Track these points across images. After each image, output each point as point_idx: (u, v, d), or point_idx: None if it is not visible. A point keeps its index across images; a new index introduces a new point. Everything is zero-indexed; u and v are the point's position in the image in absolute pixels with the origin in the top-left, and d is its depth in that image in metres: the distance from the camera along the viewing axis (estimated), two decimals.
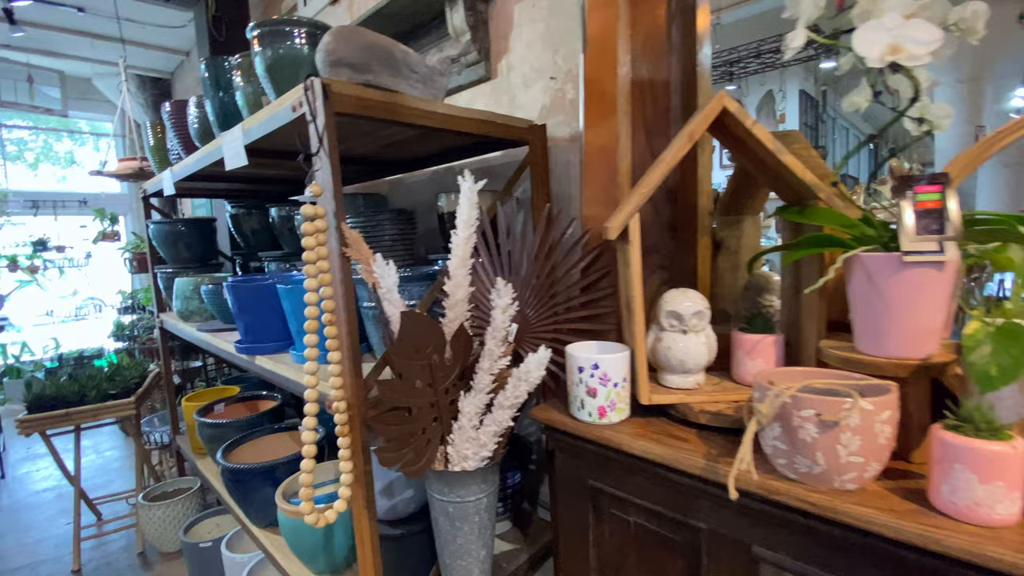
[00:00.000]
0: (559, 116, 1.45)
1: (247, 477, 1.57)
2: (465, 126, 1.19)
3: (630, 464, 0.76)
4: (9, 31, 3.57)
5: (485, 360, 0.84)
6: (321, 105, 0.90)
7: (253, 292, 1.37)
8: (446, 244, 1.60)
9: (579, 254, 0.88)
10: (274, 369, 1.31)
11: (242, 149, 1.26)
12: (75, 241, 5.06)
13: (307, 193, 0.90)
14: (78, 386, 2.12)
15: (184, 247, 2.29)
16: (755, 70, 1.18)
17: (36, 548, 2.37)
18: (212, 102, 1.47)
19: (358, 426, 0.96)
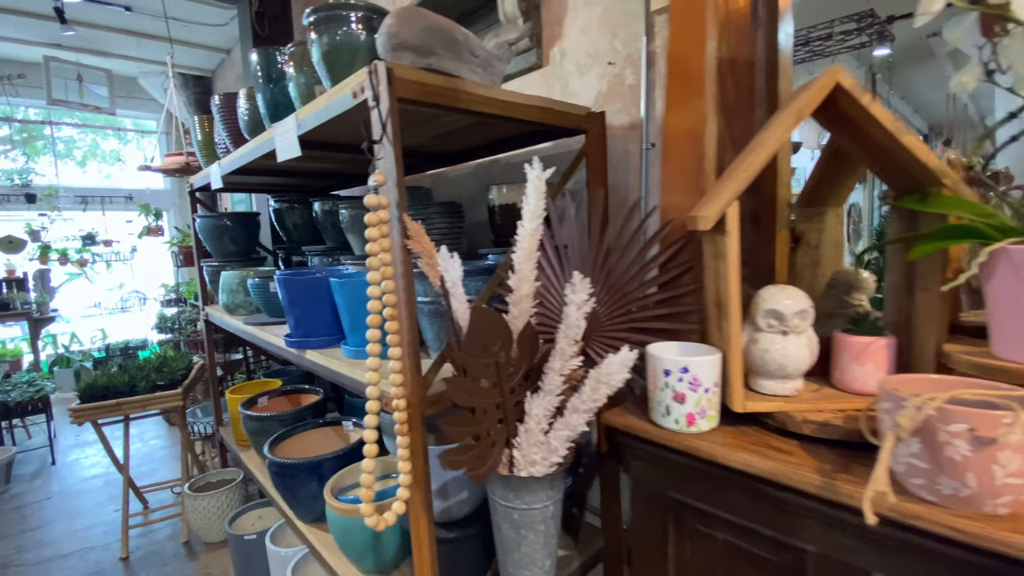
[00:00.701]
0: (617, 103, 1.38)
1: (293, 472, 1.56)
2: (524, 113, 1.14)
3: (721, 477, 0.70)
4: (60, 30, 3.67)
5: (555, 360, 0.79)
6: (385, 90, 0.86)
7: (304, 286, 1.35)
8: (496, 238, 1.56)
9: (657, 247, 0.82)
10: (326, 364, 1.28)
11: (295, 140, 1.23)
12: (121, 235, 5.21)
13: (370, 182, 0.86)
14: (128, 377, 2.16)
15: (229, 241, 2.30)
16: (803, 58, 1.09)
17: (85, 534, 2.43)
18: (263, 94, 1.46)
19: (418, 425, 0.92)
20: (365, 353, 1.23)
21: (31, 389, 3.36)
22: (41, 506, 2.75)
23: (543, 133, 1.46)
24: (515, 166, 1.74)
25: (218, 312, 2.24)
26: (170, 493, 2.72)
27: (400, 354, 0.88)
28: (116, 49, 4.52)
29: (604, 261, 0.91)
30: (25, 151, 5.19)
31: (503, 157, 1.76)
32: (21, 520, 2.59)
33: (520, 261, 0.87)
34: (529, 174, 0.88)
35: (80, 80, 4.45)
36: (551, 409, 0.81)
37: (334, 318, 1.40)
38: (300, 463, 1.54)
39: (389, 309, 0.87)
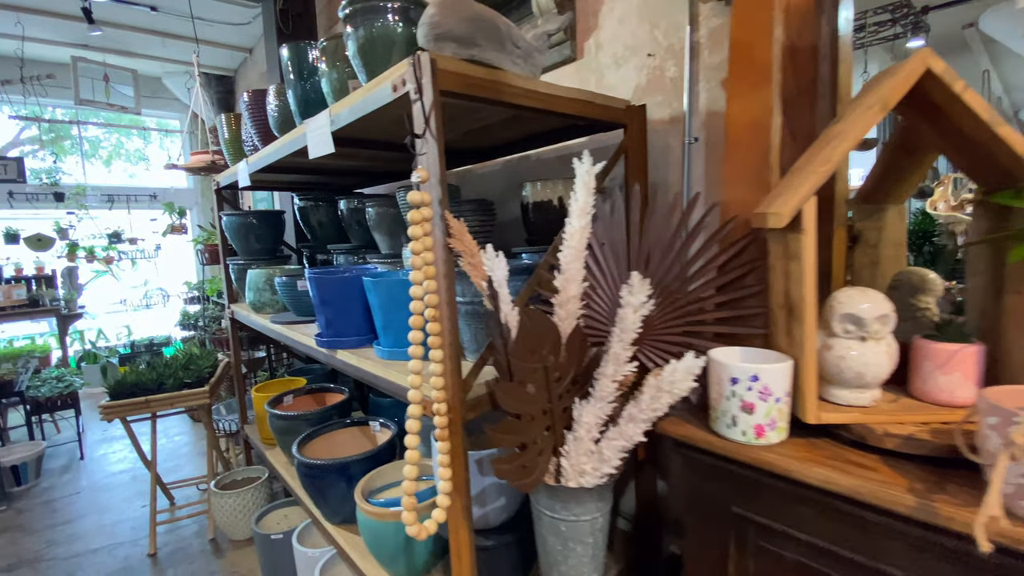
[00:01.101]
0: (657, 96, 1.33)
1: (322, 472, 1.54)
2: (565, 106, 1.09)
3: (792, 492, 0.65)
4: (87, 30, 3.71)
5: (608, 365, 0.75)
6: (429, 82, 0.82)
7: (336, 285, 1.32)
8: (529, 236, 1.52)
9: (716, 247, 0.77)
10: (358, 365, 1.25)
11: (329, 136, 1.20)
12: (146, 234, 5.28)
13: (413, 178, 0.82)
14: (156, 374, 2.16)
15: (255, 239, 2.30)
16: None
17: (113, 530, 2.45)
18: (293, 90, 1.43)
19: (459, 430, 0.89)
20: (399, 354, 1.21)
21: (60, 385, 3.41)
22: (70, 500, 2.78)
23: (578, 128, 1.41)
24: (546, 163, 1.70)
25: (244, 310, 2.24)
26: (196, 490, 2.73)
27: (441, 356, 0.85)
28: (141, 49, 4.57)
29: (647, 261, 0.87)
30: (53, 151, 5.28)
31: (533, 153, 1.72)
32: (51, 514, 2.62)
33: (568, 260, 0.83)
34: (578, 169, 0.84)
35: (107, 80, 4.50)
36: (603, 417, 0.77)
37: (366, 317, 1.38)
38: (329, 464, 1.52)
39: (431, 310, 0.84)
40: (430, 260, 0.83)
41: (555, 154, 1.64)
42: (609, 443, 0.75)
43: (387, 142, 1.55)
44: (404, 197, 1.70)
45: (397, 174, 2.34)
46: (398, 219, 1.88)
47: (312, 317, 1.83)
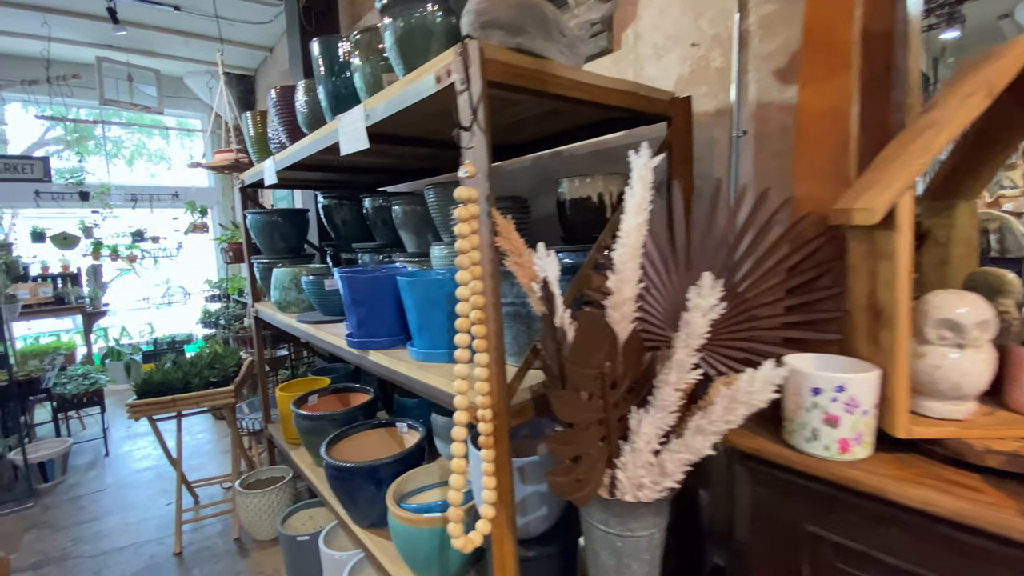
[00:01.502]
0: (701, 88, 1.28)
1: (351, 475, 1.51)
2: (609, 98, 1.05)
3: (879, 512, 0.60)
4: (112, 30, 3.74)
5: (672, 372, 0.70)
6: (478, 72, 0.78)
7: (369, 284, 1.29)
8: (566, 235, 1.47)
9: (786, 246, 0.72)
10: (391, 367, 1.22)
11: (363, 132, 1.17)
12: (168, 232, 5.33)
13: (461, 173, 0.78)
14: (182, 373, 2.16)
15: (279, 237, 2.28)
16: None
17: (139, 528, 2.46)
18: (324, 86, 1.40)
19: (504, 438, 0.85)
20: (435, 356, 1.17)
21: (86, 382, 3.44)
22: (96, 497, 2.80)
23: (614, 123, 1.36)
24: (579, 159, 1.65)
25: (268, 309, 2.22)
26: (219, 488, 2.73)
27: (487, 361, 0.81)
28: (164, 49, 4.60)
29: (709, 260, 0.81)
30: (78, 151, 5.35)
31: (566, 149, 1.68)
32: (77, 511, 2.64)
33: (623, 260, 0.78)
34: (635, 162, 0.79)
35: (130, 80, 4.54)
36: (664, 428, 0.72)
37: (398, 318, 1.35)
38: (358, 467, 1.49)
39: (477, 312, 0.80)
40: (477, 259, 0.79)
41: (589, 150, 1.59)
42: (672, 456, 0.70)
43: (417, 138, 1.51)
44: (433, 195, 1.67)
45: (422, 172, 2.31)
46: (425, 217, 1.84)
47: (339, 316, 1.81)
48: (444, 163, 2.04)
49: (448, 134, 1.46)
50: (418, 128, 1.36)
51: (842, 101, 0.69)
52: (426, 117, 1.20)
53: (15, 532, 2.44)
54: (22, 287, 4.24)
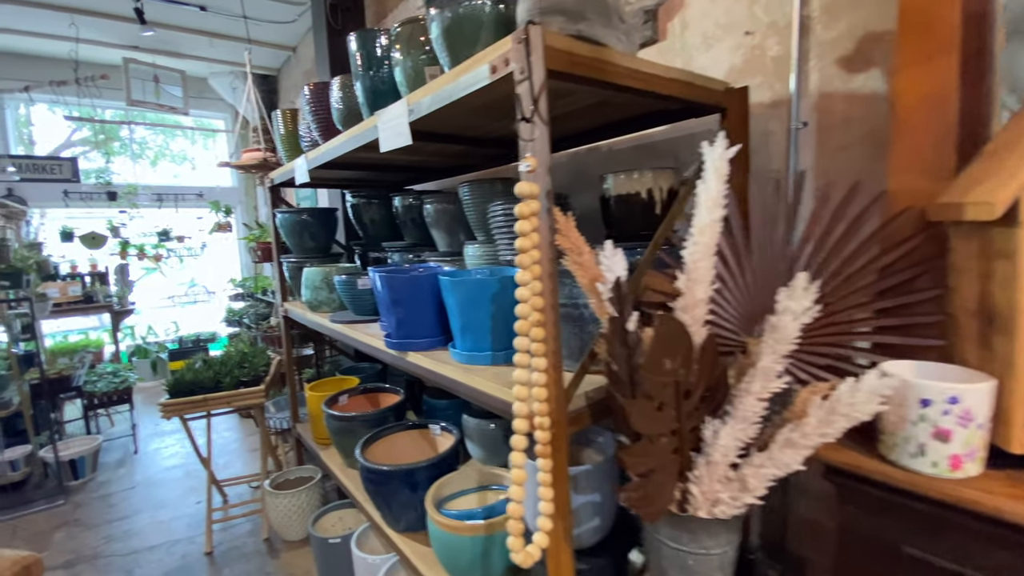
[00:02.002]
0: (756, 78, 1.22)
1: (386, 478, 1.48)
2: (665, 88, 1.00)
3: (992, 534, 0.54)
4: (140, 30, 3.77)
5: (755, 380, 0.65)
6: (540, 59, 0.74)
7: (409, 284, 1.26)
8: (610, 232, 1.42)
9: (878, 245, 0.67)
10: (433, 368, 1.18)
11: (405, 127, 1.13)
12: (192, 231, 5.38)
13: (522, 167, 0.74)
14: (212, 372, 2.15)
15: (309, 237, 2.27)
16: None
17: (170, 526, 2.47)
18: (361, 81, 1.37)
19: (563, 447, 0.80)
20: (480, 358, 1.13)
21: (116, 380, 3.48)
22: (126, 495, 2.82)
23: (662, 116, 1.31)
24: (620, 153, 1.60)
25: (298, 308, 2.21)
26: (247, 487, 2.73)
27: (545, 365, 0.77)
28: (189, 50, 4.64)
29: (792, 260, 0.76)
30: (104, 151, 5.43)
31: (605, 144, 1.63)
32: (108, 509, 2.66)
33: (695, 259, 0.73)
34: (708, 154, 0.74)
35: (156, 81, 4.58)
36: (745, 440, 0.67)
37: (437, 319, 1.31)
38: (394, 470, 1.46)
39: (537, 314, 0.76)
40: (537, 258, 0.75)
41: (630, 144, 1.54)
42: (756, 471, 0.65)
43: (453, 135, 1.48)
44: (467, 192, 1.63)
45: (451, 170, 2.27)
46: (458, 216, 1.81)
47: (372, 316, 1.78)
48: (476, 160, 2.00)
49: (485, 130, 1.43)
50: (457, 124, 1.32)
51: (944, 86, 0.64)
52: (470, 112, 1.17)
53: (46, 530, 2.46)
54: (52, 286, 4.31)
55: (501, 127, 1.39)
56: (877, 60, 1.04)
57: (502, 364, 1.10)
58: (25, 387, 2.85)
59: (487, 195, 1.62)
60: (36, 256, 3.34)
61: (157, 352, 5.12)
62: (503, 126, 1.38)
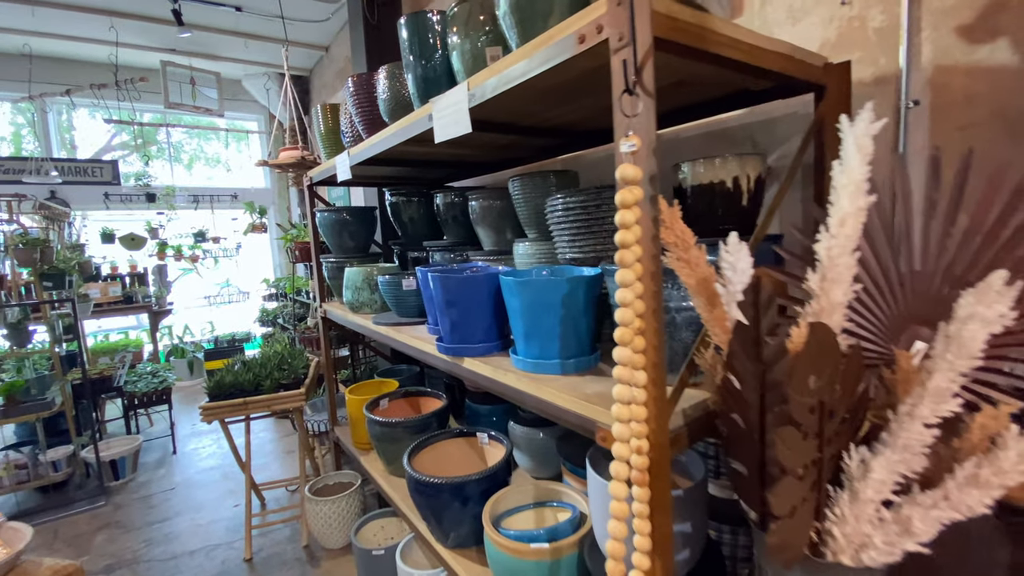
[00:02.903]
0: (854, 53, 1.09)
1: (436, 491, 1.39)
2: (764, 60, 0.88)
3: None
4: (177, 32, 3.79)
5: (923, 403, 0.53)
6: (646, 23, 0.63)
7: (465, 285, 1.16)
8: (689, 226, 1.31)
9: None
10: (494, 376, 1.09)
11: (465, 114, 1.04)
12: (227, 232, 5.43)
13: (623, 147, 0.63)
14: (252, 375, 2.11)
15: (348, 236, 2.21)
16: None
17: (209, 530, 2.44)
18: (413, 69, 1.29)
19: (665, 473, 0.69)
20: (547, 366, 1.03)
21: (155, 380, 3.50)
22: (166, 496, 2.81)
23: (738, 99, 1.19)
24: (686, 142, 1.48)
25: (337, 309, 2.15)
26: (285, 491, 2.69)
27: (646, 380, 0.66)
28: (224, 52, 4.67)
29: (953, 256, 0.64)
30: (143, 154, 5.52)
31: (669, 132, 1.51)
32: (148, 511, 2.65)
33: (833, 255, 0.61)
34: (847, 132, 0.62)
35: (193, 83, 4.62)
36: (907, 473, 0.55)
37: (494, 322, 1.22)
38: (445, 483, 1.37)
39: (639, 320, 0.65)
40: (639, 255, 0.64)
41: (701, 131, 1.42)
42: (925, 512, 0.53)
43: (509, 124, 1.38)
44: (518, 187, 1.53)
45: (493, 165, 2.18)
46: (505, 212, 1.72)
47: (416, 318, 1.70)
48: (524, 153, 1.90)
49: (544, 117, 1.32)
50: (517, 111, 1.22)
51: None
52: (535, 95, 1.07)
53: (87, 532, 2.46)
54: (93, 286, 4.38)
55: (559, 115, 1.29)
56: (1005, 28, 0.90)
57: (572, 373, 1.00)
58: (67, 387, 2.87)
59: (540, 189, 1.52)
60: (78, 257, 3.37)
61: (194, 352, 5.17)
62: (562, 113, 1.27)
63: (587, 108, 1.23)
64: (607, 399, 0.84)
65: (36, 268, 2.86)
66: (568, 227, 1.21)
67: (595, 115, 1.32)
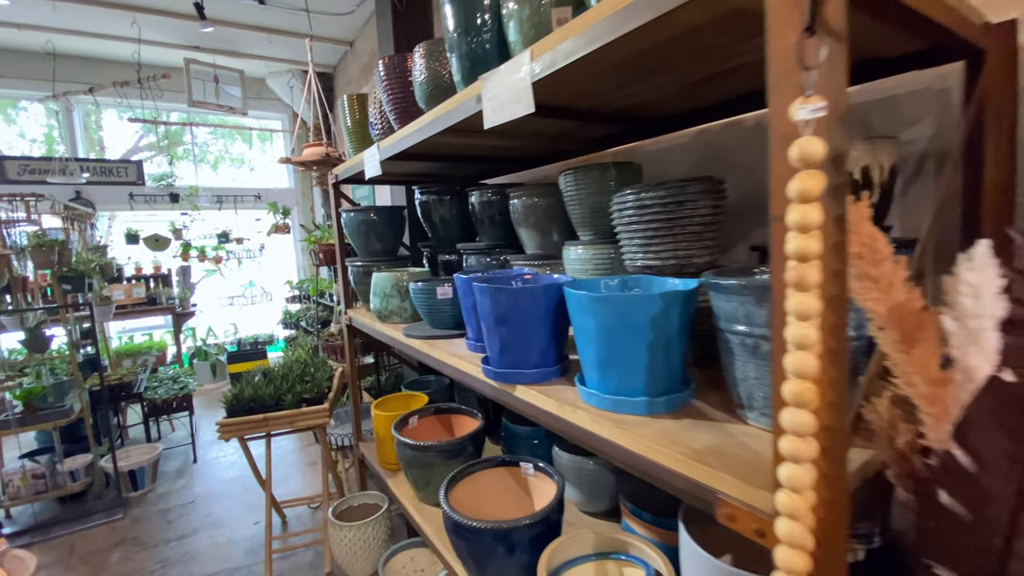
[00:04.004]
0: (1010, 12, 0.86)
1: (478, 536, 1.20)
2: (934, 9, 0.66)
3: None
4: (200, 27, 3.69)
5: None
6: None
7: (522, 298, 0.97)
8: None
9: None
10: (559, 413, 0.89)
11: (527, 91, 0.84)
12: (251, 233, 5.34)
13: (802, 113, 0.43)
14: (273, 388, 1.95)
15: (375, 238, 2.04)
16: None
17: (228, 551, 2.30)
18: (458, 47, 1.09)
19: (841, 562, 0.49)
20: (627, 404, 0.82)
21: (176, 386, 3.39)
22: (185, 510, 2.69)
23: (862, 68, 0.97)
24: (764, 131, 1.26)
25: (363, 317, 1.98)
26: (307, 508, 2.54)
27: (815, 427, 0.45)
28: (248, 48, 4.57)
29: None
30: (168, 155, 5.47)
31: (752, 117, 1.29)
32: (166, 526, 2.53)
33: None
34: None
35: (216, 82, 4.54)
36: None
37: (552, 343, 1.02)
38: (489, 529, 1.18)
39: (813, 360, 0.45)
40: (816, 253, 0.44)
41: None
42: None
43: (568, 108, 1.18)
44: (572, 182, 1.33)
45: (533, 160, 1.98)
46: (551, 212, 1.52)
47: (454, 331, 1.51)
48: (572, 145, 1.70)
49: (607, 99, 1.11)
50: (581, 89, 1.02)
51: None
52: (612, 67, 0.86)
53: (103, 548, 2.33)
54: (117, 288, 4.31)
55: (629, 95, 1.09)
56: None
57: (662, 414, 0.80)
58: (85, 395, 2.76)
59: (597, 184, 1.31)
60: (99, 259, 3.28)
61: (216, 354, 5.09)
62: (634, 93, 1.07)
63: (665, 86, 1.03)
64: (727, 458, 0.64)
65: (55, 270, 2.77)
66: (643, 228, 1.01)
67: (670, 96, 1.11)
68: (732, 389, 0.77)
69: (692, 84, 1.03)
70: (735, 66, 0.91)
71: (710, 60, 0.87)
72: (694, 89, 1.07)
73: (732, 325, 0.72)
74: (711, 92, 1.11)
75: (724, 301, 0.73)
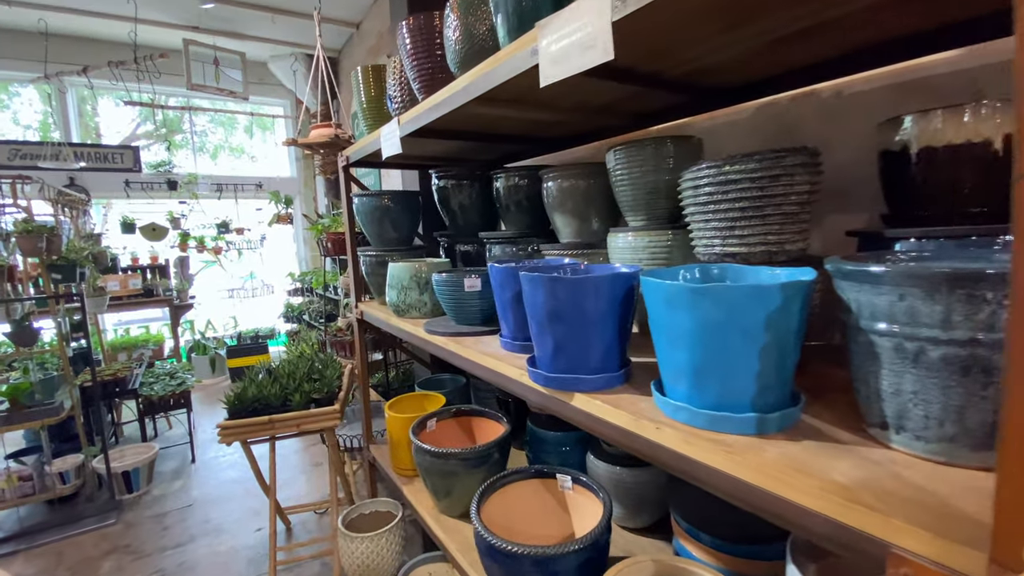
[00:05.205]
0: None
1: (517, 562, 1.06)
2: None
3: None
4: (199, 3, 3.51)
5: None
6: None
7: (583, 290, 0.81)
8: (901, 209, 0.93)
9: None
10: (637, 431, 0.73)
11: (606, 31, 0.68)
12: (251, 223, 5.17)
13: None
14: (279, 387, 1.79)
15: (391, 226, 1.88)
16: None
17: (228, 561, 2.15)
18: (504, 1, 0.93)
19: None
20: (732, 423, 0.66)
21: (173, 382, 3.23)
22: (182, 515, 2.54)
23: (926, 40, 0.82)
24: (853, 98, 1.10)
25: (376, 311, 1.82)
26: (313, 514, 2.39)
27: None
28: (250, 30, 4.39)
29: None
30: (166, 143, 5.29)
31: (828, 87, 1.13)
32: (162, 533, 2.38)
33: None
34: None
35: (216, 64, 4.36)
36: None
37: (616, 343, 0.86)
38: (530, 555, 1.03)
39: None
40: None
41: (884, 82, 1.04)
42: None
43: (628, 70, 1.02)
44: (622, 159, 1.17)
45: (561, 141, 1.82)
46: (592, 194, 1.37)
47: (483, 327, 1.36)
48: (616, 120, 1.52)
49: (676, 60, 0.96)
50: (656, 43, 0.86)
51: None
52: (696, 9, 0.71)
53: (94, 557, 2.18)
54: (112, 279, 4.15)
55: (705, 52, 0.92)
56: None
57: (774, 434, 0.64)
58: (76, 391, 2.60)
59: (651, 162, 1.15)
60: (92, 247, 3.11)
61: (216, 348, 4.93)
62: (713, 49, 0.90)
63: (744, 43, 0.87)
64: (888, 496, 0.49)
65: (43, 258, 2.60)
66: (725, 209, 0.85)
67: (743, 59, 0.95)
68: (867, 404, 0.61)
69: (774, 42, 0.87)
70: (826, 20, 0.75)
71: (809, 5, 0.71)
72: (774, 48, 0.91)
73: (881, 325, 0.56)
74: (791, 54, 0.95)
75: (872, 294, 0.57)
